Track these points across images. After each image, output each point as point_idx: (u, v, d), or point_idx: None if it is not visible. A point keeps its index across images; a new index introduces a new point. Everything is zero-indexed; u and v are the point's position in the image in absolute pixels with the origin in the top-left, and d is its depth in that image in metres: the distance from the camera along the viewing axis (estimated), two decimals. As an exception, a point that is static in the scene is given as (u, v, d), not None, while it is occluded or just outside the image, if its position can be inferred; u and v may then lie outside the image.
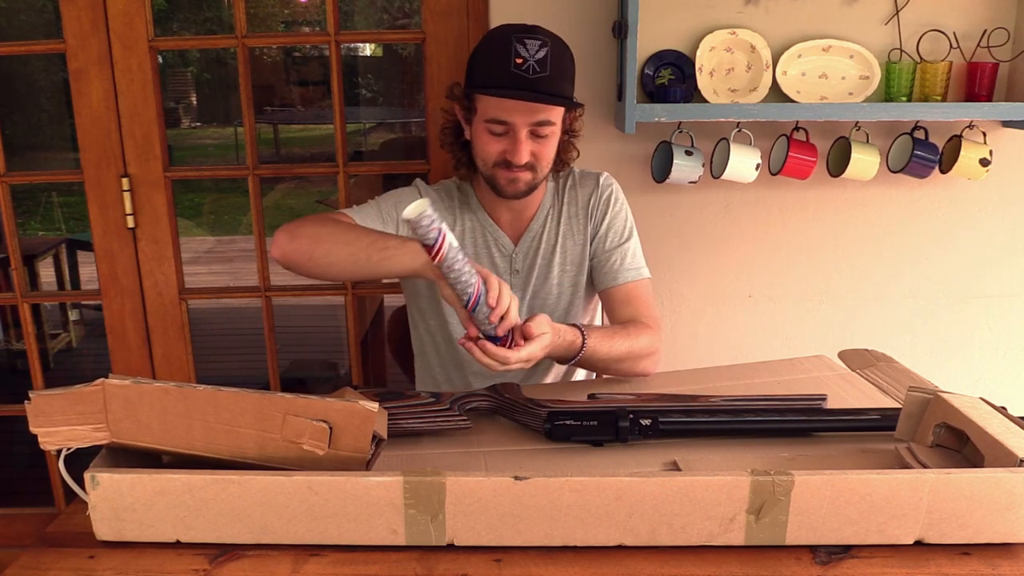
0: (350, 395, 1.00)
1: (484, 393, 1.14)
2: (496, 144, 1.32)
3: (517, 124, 1.29)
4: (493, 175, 1.34)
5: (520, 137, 1.29)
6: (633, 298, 1.42)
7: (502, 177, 1.34)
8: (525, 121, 1.29)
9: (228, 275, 5.41)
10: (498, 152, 1.32)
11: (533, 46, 1.26)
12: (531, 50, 1.26)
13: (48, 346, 3.79)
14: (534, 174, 1.34)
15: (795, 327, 1.92)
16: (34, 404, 0.85)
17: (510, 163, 1.31)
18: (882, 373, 1.28)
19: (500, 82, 1.26)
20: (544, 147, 1.33)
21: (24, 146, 5.93)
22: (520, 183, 1.34)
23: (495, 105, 1.28)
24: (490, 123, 1.30)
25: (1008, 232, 1.86)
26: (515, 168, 1.32)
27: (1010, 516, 0.82)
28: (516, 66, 1.25)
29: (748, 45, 1.69)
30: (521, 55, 1.25)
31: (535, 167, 1.33)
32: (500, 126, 1.30)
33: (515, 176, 1.33)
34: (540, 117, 1.29)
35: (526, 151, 1.30)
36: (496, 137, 1.31)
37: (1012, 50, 1.72)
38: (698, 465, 0.98)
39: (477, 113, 1.33)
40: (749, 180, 1.72)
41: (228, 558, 0.82)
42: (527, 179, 1.34)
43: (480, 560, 0.82)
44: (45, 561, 0.83)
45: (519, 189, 1.35)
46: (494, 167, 1.33)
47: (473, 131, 1.36)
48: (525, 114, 1.28)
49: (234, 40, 1.77)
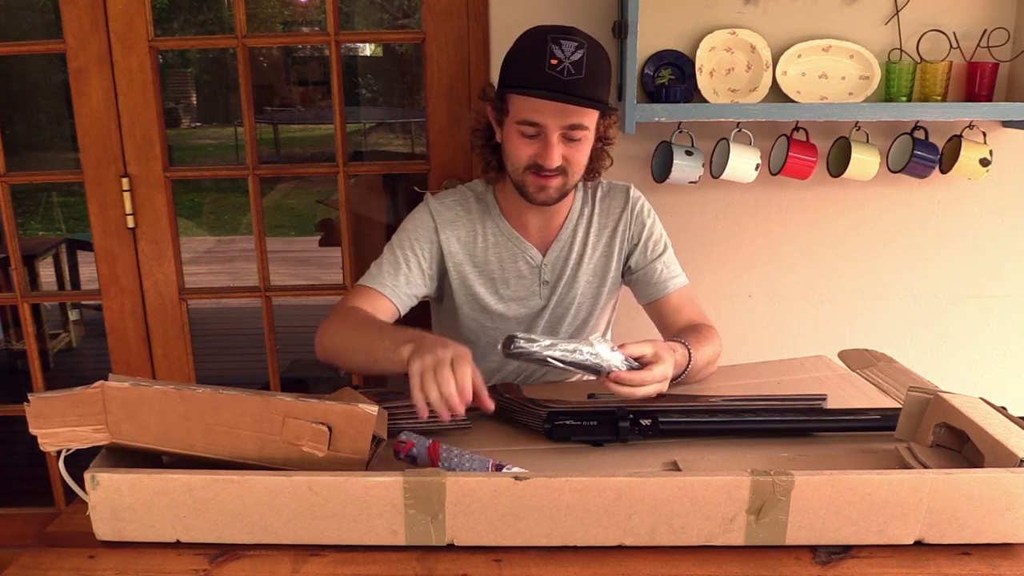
0: (350, 396, 1.00)
1: (484, 393, 1.14)
2: (527, 147, 1.28)
3: (549, 126, 1.25)
4: (523, 180, 1.31)
5: (552, 140, 1.26)
6: (685, 303, 1.43)
7: (532, 183, 1.30)
8: (557, 124, 1.25)
9: (228, 275, 5.41)
10: (529, 155, 1.28)
11: (569, 47, 1.23)
12: (567, 51, 1.22)
13: (48, 346, 3.79)
14: (565, 179, 1.31)
15: (795, 327, 1.92)
16: (33, 406, 0.85)
17: (540, 168, 1.28)
18: (882, 373, 1.28)
19: (534, 83, 1.23)
20: (576, 152, 1.29)
21: (24, 146, 5.94)
22: (551, 190, 1.31)
23: (527, 106, 1.25)
24: (522, 125, 1.27)
25: (1008, 232, 1.86)
26: (545, 174, 1.28)
27: (1010, 516, 0.82)
28: (551, 67, 1.21)
29: (748, 45, 1.69)
30: (556, 56, 1.22)
31: (566, 172, 1.30)
32: (532, 128, 1.26)
33: (545, 183, 1.30)
34: (573, 120, 1.25)
35: (557, 155, 1.27)
36: (527, 139, 1.28)
37: (1012, 50, 1.72)
38: (698, 465, 0.98)
39: (509, 114, 1.30)
40: (749, 180, 1.72)
41: (228, 558, 0.82)
42: (557, 185, 1.30)
43: (480, 560, 0.82)
44: (45, 561, 0.83)
45: (550, 196, 1.32)
46: (524, 171, 1.30)
47: (504, 133, 1.33)
48: (557, 116, 1.25)
49: (234, 40, 1.77)
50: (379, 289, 1.36)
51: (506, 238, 1.42)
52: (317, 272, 5.43)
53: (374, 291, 1.36)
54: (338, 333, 1.29)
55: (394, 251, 1.40)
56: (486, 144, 1.40)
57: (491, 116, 1.37)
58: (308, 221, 6.72)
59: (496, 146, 1.38)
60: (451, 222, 1.41)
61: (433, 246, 1.40)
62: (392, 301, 1.36)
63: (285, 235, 6.56)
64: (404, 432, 0.98)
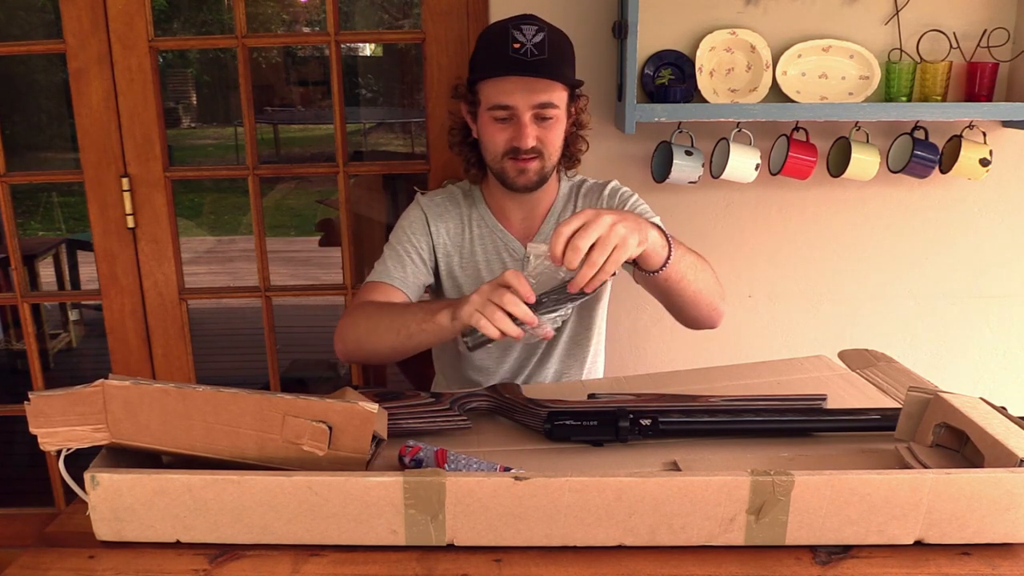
0: (350, 395, 1.00)
1: (484, 393, 1.14)
2: (502, 132, 1.32)
3: (520, 107, 1.29)
4: (502, 167, 1.35)
5: (524, 120, 1.30)
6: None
7: (511, 168, 1.34)
8: (527, 103, 1.29)
9: (228, 275, 5.42)
10: (505, 141, 1.32)
11: (529, 31, 1.28)
12: (528, 35, 1.27)
13: (48, 346, 3.79)
14: (543, 162, 1.34)
15: (795, 327, 1.92)
16: (33, 405, 0.85)
17: (518, 151, 1.31)
18: (882, 373, 1.28)
19: (499, 67, 1.28)
20: (550, 133, 1.33)
21: (24, 146, 5.94)
22: (530, 172, 1.34)
23: (496, 90, 1.29)
24: (494, 110, 1.31)
25: (1008, 232, 1.86)
26: (523, 157, 1.32)
27: (1010, 516, 0.82)
28: (514, 51, 1.26)
29: (748, 45, 1.69)
30: (518, 40, 1.27)
31: (542, 154, 1.33)
32: (503, 111, 1.30)
33: (524, 166, 1.33)
34: (542, 99, 1.29)
35: (532, 135, 1.30)
36: (501, 125, 1.32)
37: (1012, 50, 1.72)
38: (698, 465, 0.98)
39: (481, 104, 1.34)
40: (749, 180, 1.72)
41: (228, 558, 0.82)
42: (536, 168, 1.34)
43: (480, 560, 0.82)
44: (45, 561, 0.83)
45: (530, 180, 1.35)
46: (503, 158, 1.34)
47: (479, 125, 1.37)
48: (526, 95, 1.28)
49: (234, 40, 1.77)
50: (388, 282, 1.38)
51: (490, 230, 1.45)
52: (317, 272, 5.44)
53: (384, 284, 1.38)
54: (360, 323, 1.30)
55: (394, 247, 1.43)
56: (463, 142, 1.44)
57: (465, 113, 1.41)
58: (308, 221, 6.73)
59: (474, 143, 1.41)
60: (440, 216, 1.45)
61: (427, 238, 1.44)
62: (403, 291, 1.39)
63: (285, 235, 6.57)
64: (411, 439, 0.98)
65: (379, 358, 1.41)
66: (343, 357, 1.36)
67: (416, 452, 0.95)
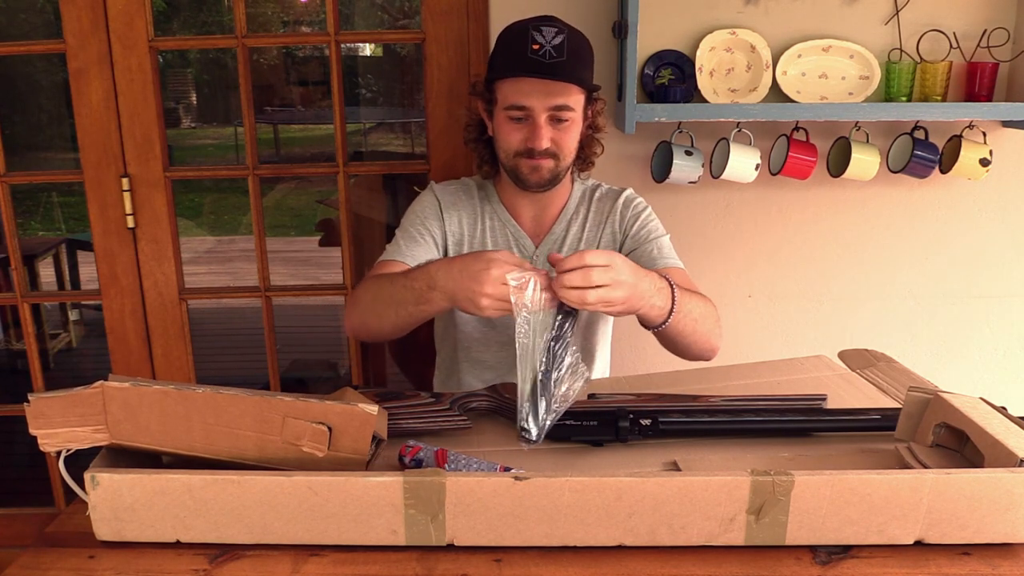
0: (350, 396, 1.00)
1: (484, 393, 1.14)
2: (517, 132, 1.33)
3: (536, 108, 1.30)
4: (516, 165, 1.35)
5: (539, 122, 1.30)
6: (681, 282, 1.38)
7: (524, 166, 1.34)
8: (543, 105, 1.29)
9: (228, 275, 5.42)
10: (519, 140, 1.33)
11: (549, 33, 1.28)
12: (547, 37, 1.28)
13: (48, 346, 3.79)
14: (556, 162, 1.34)
15: (795, 327, 1.92)
16: (33, 406, 0.85)
17: (531, 151, 1.32)
18: (882, 373, 1.28)
19: (518, 67, 1.29)
20: (565, 135, 1.33)
21: (24, 146, 5.93)
22: (543, 171, 1.34)
23: (514, 90, 1.30)
24: (510, 110, 1.31)
25: (1008, 232, 1.86)
26: (537, 155, 1.32)
27: (1010, 516, 0.82)
28: (533, 52, 1.27)
29: (748, 45, 1.69)
30: (537, 41, 1.27)
31: (557, 155, 1.34)
32: (519, 111, 1.31)
33: (537, 164, 1.33)
34: (558, 101, 1.29)
35: (546, 136, 1.31)
36: (517, 124, 1.32)
37: (1012, 50, 1.72)
38: (698, 465, 0.98)
39: (498, 103, 1.34)
40: (749, 180, 1.72)
41: (228, 558, 0.82)
42: (549, 167, 1.34)
43: (480, 560, 0.82)
44: (45, 561, 0.83)
45: (543, 177, 1.35)
46: (516, 156, 1.34)
47: (495, 123, 1.37)
48: (543, 97, 1.29)
49: (234, 40, 1.77)
50: (400, 259, 1.38)
51: (502, 224, 1.45)
52: (317, 272, 5.43)
53: (396, 262, 1.38)
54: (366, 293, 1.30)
55: (407, 229, 1.43)
56: (479, 139, 1.44)
57: (482, 110, 1.41)
58: (308, 221, 6.73)
59: (489, 141, 1.42)
60: (454, 204, 1.45)
61: (440, 223, 1.44)
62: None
63: (285, 235, 6.57)
64: (411, 439, 0.98)
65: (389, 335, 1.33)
66: (351, 333, 1.37)
67: (416, 452, 0.95)
